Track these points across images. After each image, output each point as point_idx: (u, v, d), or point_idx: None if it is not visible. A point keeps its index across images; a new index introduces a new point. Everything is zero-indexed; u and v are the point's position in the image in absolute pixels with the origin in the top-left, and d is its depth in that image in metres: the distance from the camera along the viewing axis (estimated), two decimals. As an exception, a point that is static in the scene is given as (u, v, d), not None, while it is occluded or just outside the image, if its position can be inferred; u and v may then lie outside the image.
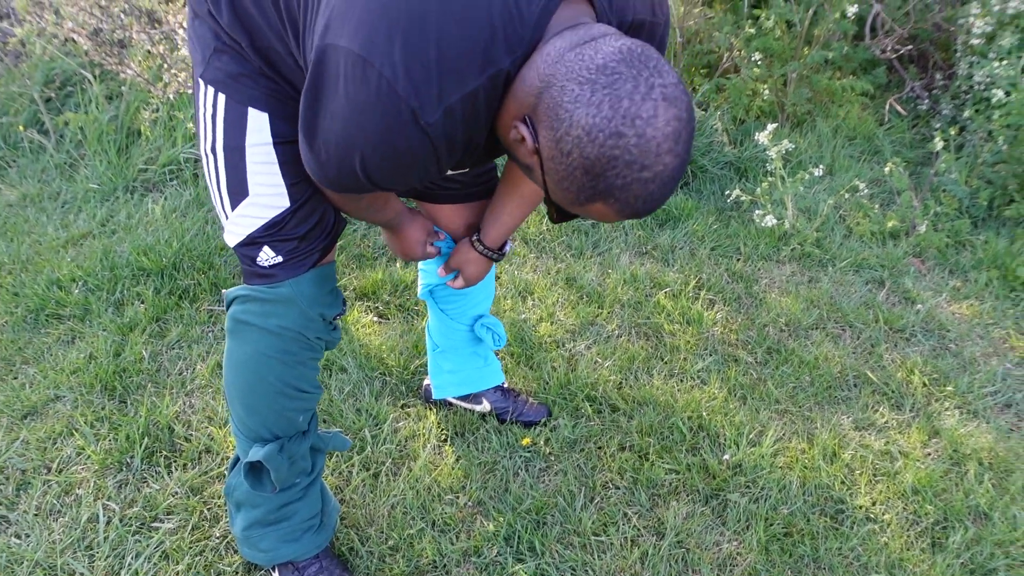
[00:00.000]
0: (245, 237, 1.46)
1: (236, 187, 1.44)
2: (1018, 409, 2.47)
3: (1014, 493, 2.14)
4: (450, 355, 2.15)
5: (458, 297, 2.03)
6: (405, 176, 1.23)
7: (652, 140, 1.04)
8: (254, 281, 1.50)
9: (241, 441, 1.65)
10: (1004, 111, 3.64)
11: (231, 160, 1.42)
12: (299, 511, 1.71)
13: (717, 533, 1.95)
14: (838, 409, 2.38)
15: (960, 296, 3.03)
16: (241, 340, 1.55)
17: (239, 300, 1.53)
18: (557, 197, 1.15)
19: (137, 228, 3.11)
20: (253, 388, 1.57)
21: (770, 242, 3.20)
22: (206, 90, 1.40)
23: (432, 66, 1.08)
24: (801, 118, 4.27)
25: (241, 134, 1.39)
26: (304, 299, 1.51)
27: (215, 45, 1.38)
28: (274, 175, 1.42)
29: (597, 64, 1.04)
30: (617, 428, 2.23)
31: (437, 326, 2.11)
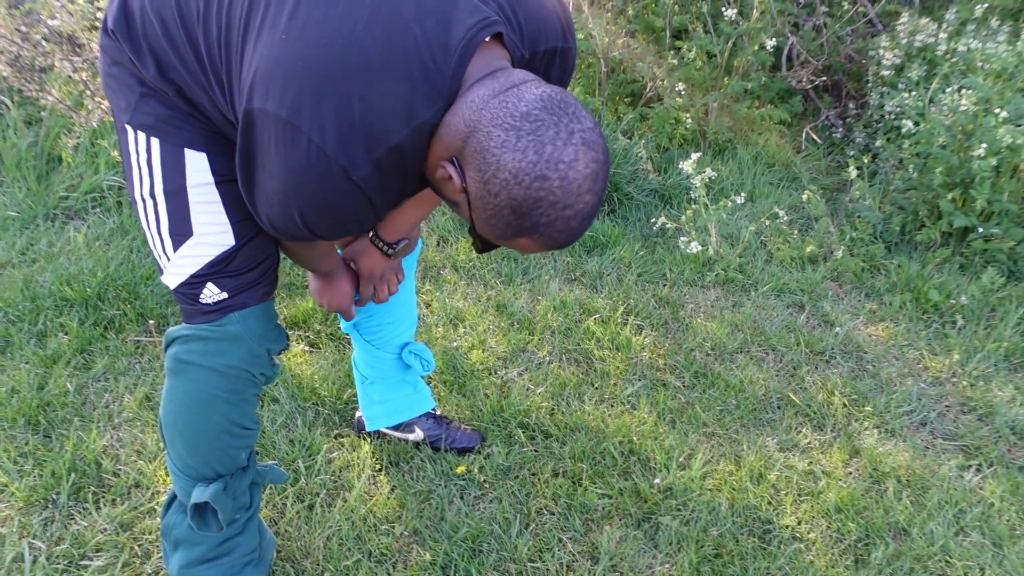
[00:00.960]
0: (188, 276, 1.45)
1: (179, 228, 1.43)
2: (932, 427, 2.58)
3: (931, 509, 2.23)
4: (379, 385, 2.15)
5: (382, 327, 2.04)
6: (345, 227, 1.28)
7: (574, 182, 1.12)
8: (197, 320, 1.49)
9: (180, 480, 1.62)
10: (913, 140, 3.81)
11: (172, 203, 1.41)
12: (239, 546, 1.70)
13: (650, 556, 1.99)
14: (763, 431, 2.46)
15: (876, 319, 3.16)
16: (184, 380, 1.53)
17: (180, 340, 1.51)
18: (484, 231, 1.22)
19: (59, 257, 3.04)
20: (197, 428, 1.55)
21: (695, 268, 3.29)
22: (136, 136, 1.39)
23: (357, 125, 1.13)
24: (722, 146, 4.40)
25: (180, 176, 1.39)
26: (252, 335, 1.50)
27: (140, 91, 1.37)
28: (218, 214, 1.42)
29: (521, 111, 1.12)
30: (550, 454, 2.26)
31: (364, 357, 2.11)
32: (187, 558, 1.68)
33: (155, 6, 1.31)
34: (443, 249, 3.25)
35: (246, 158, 1.24)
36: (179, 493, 1.66)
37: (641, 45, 4.49)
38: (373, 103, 1.13)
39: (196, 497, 1.58)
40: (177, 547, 1.69)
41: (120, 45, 1.36)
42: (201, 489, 1.59)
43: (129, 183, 1.45)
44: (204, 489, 1.59)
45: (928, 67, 4.26)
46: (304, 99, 1.12)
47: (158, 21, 1.31)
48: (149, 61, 1.34)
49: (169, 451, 1.62)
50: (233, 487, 1.63)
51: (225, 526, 1.62)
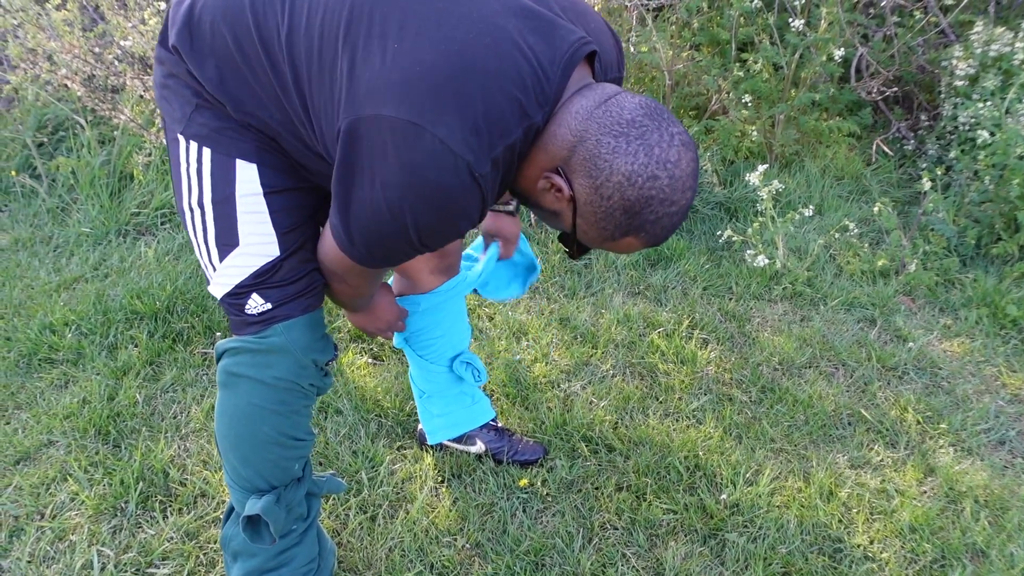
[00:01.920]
0: (234, 287, 1.47)
1: (225, 238, 1.45)
2: (1012, 446, 2.48)
3: (1010, 531, 2.14)
4: (436, 399, 2.14)
5: (434, 340, 2.04)
6: (455, 231, 1.32)
7: (679, 179, 1.23)
8: (244, 331, 1.50)
9: (236, 492, 1.64)
10: (989, 151, 3.70)
11: (220, 212, 1.44)
12: (297, 556, 1.70)
13: (716, 573, 1.94)
14: (833, 447, 2.39)
15: (951, 334, 3.05)
16: (234, 392, 1.54)
17: (229, 353, 1.53)
18: (590, 235, 1.30)
19: (130, 272, 3.12)
20: (247, 440, 1.57)
21: (762, 281, 3.23)
22: (188, 146, 1.42)
23: (481, 122, 1.20)
24: (789, 159, 4.32)
25: (230, 185, 1.41)
26: (297, 346, 1.51)
27: (196, 102, 1.40)
28: (264, 224, 1.44)
29: (626, 119, 1.22)
30: (614, 468, 2.23)
31: (418, 372, 2.11)
32: (246, 569, 1.69)
33: (228, 21, 1.34)
34: (505, 263, 3.24)
35: (346, 174, 1.26)
36: (236, 504, 1.67)
37: (706, 58, 4.44)
38: (493, 102, 1.20)
39: (248, 509, 1.59)
40: (236, 558, 1.70)
41: (179, 59, 1.39)
42: (254, 501, 1.60)
43: (177, 193, 1.48)
44: (256, 501, 1.59)
45: (1004, 77, 4.13)
46: (425, 100, 1.17)
47: (230, 35, 1.34)
48: (212, 71, 1.36)
49: (224, 463, 1.63)
50: (287, 498, 1.63)
51: (278, 538, 1.62)
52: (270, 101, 1.36)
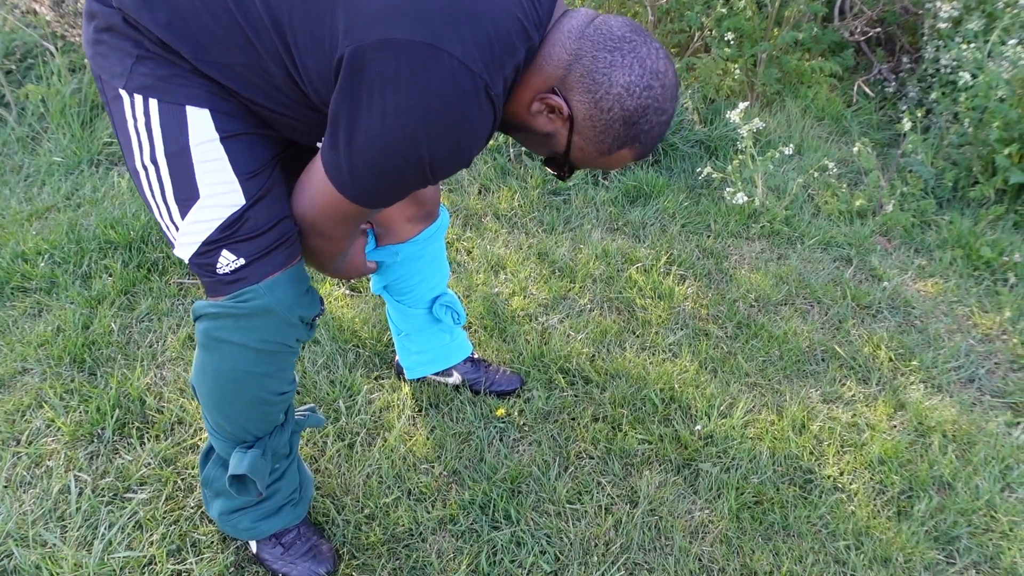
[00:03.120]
0: (200, 244, 1.37)
1: (185, 192, 1.35)
2: (980, 384, 2.53)
3: (976, 464, 2.19)
4: (415, 337, 2.14)
5: (412, 287, 2.02)
6: (467, 157, 1.31)
7: (669, 88, 1.30)
8: (220, 292, 1.41)
9: (218, 440, 1.60)
10: (970, 94, 3.70)
11: (176, 164, 1.34)
12: (280, 490, 1.70)
13: (689, 502, 1.98)
14: (807, 382, 2.42)
15: (925, 274, 3.09)
16: (217, 355, 1.46)
17: (209, 317, 1.44)
18: (586, 152, 1.34)
19: (103, 201, 3.07)
20: (234, 401, 1.51)
21: (740, 219, 3.23)
22: (132, 100, 1.32)
23: (494, 41, 1.21)
24: (771, 98, 4.31)
25: (183, 134, 1.32)
26: (283, 305, 1.42)
27: (137, 54, 1.30)
28: (224, 171, 1.35)
29: (616, 35, 1.27)
30: (590, 400, 2.25)
31: (397, 314, 2.11)
32: (228, 507, 1.69)
33: None
34: (484, 197, 3.23)
35: (350, 106, 1.21)
36: (218, 450, 1.63)
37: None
38: (500, 21, 1.22)
39: (234, 469, 1.55)
40: (218, 495, 1.70)
41: (114, 10, 1.29)
42: (239, 458, 1.56)
43: (127, 154, 1.37)
44: (242, 458, 1.55)
45: (987, 20, 4.12)
46: (436, 22, 1.17)
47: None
48: (163, 17, 1.27)
49: (206, 415, 1.59)
50: (272, 446, 1.60)
51: (264, 491, 1.61)
52: (234, 43, 1.28)
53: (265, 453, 1.58)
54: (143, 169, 1.36)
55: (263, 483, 1.58)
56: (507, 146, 3.51)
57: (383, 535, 1.81)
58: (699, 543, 1.87)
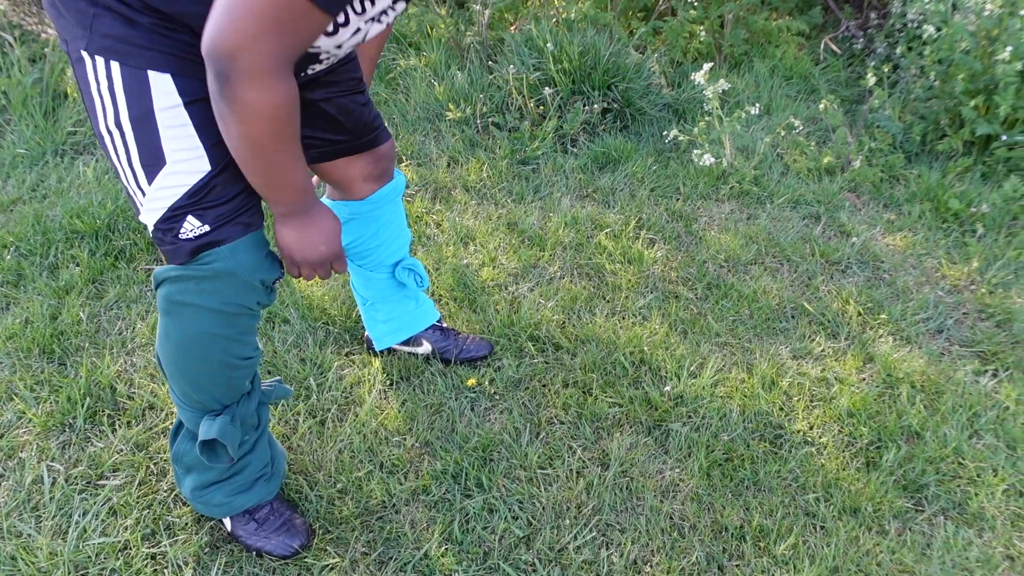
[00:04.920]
0: (167, 210, 1.37)
1: (151, 158, 1.35)
2: (949, 334, 2.55)
3: (944, 413, 2.21)
4: (380, 305, 2.14)
5: (372, 251, 2.02)
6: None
7: None
8: (182, 258, 1.41)
9: (185, 411, 1.61)
10: (935, 46, 3.70)
11: (140, 130, 1.33)
12: (251, 463, 1.71)
13: (660, 461, 2.00)
14: (776, 340, 2.44)
15: (894, 228, 3.10)
16: (179, 320, 1.48)
17: (170, 281, 1.45)
18: None
19: (69, 191, 3.05)
20: (198, 366, 1.52)
21: (709, 181, 3.24)
22: (94, 63, 1.30)
23: None
24: (738, 59, 4.30)
25: (147, 100, 1.31)
26: (244, 268, 1.44)
27: (93, 11, 1.28)
28: (190, 137, 1.34)
29: None
30: (561, 366, 2.26)
31: (359, 280, 2.10)
32: (200, 481, 1.70)
33: None
34: (453, 170, 3.22)
35: None
36: (186, 422, 1.64)
37: (652, -43, 4.36)
38: None
39: (204, 434, 1.56)
40: (190, 471, 1.70)
41: None
42: (208, 424, 1.57)
43: (92, 116, 1.37)
44: (211, 424, 1.57)
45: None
46: None
47: None
48: None
49: (171, 385, 1.60)
50: (240, 414, 1.62)
51: (235, 457, 1.62)
52: None
53: (234, 420, 1.60)
54: (108, 133, 1.35)
55: (234, 448, 1.59)
56: (474, 119, 3.49)
57: (356, 508, 1.83)
58: (670, 502, 1.89)
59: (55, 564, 1.68)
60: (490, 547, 1.76)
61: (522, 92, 3.53)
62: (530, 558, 1.74)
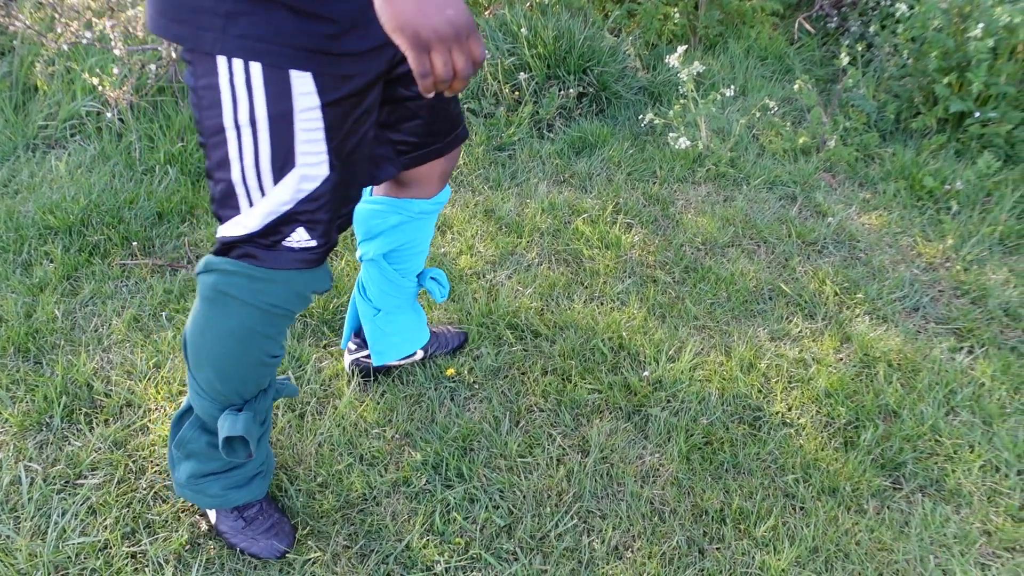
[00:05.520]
0: (282, 215, 1.35)
1: (282, 158, 1.32)
2: (925, 312, 2.57)
3: (921, 390, 2.23)
4: (394, 316, 2.04)
5: (415, 254, 1.94)
6: None
7: None
8: (269, 263, 1.40)
9: (204, 401, 1.58)
10: (908, 24, 3.71)
11: (277, 129, 1.30)
12: (254, 459, 1.71)
13: (640, 447, 2.01)
14: (754, 322, 2.45)
15: (870, 207, 3.12)
16: (222, 311, 1.47)
17: (223, 273, 1.43)
18: None
19: (41, 186, 3.01)
20: (234, 360, 1.51)
21: (685, 164, 3.24)
22: (229, 63, 1.26)
23: None
24: (713, 40, 4.30)
25: (287, 100, 1.29)
26: (303, 282, 1.44)
27: (225, 11, 1.23)
28: (319, 142, 1.33)
29: None
30: (540, 353, 2.26)
31: (384, 288, 1.97)
32: (199, 470, 1.68)
33: None
34: (428, 159, 3.21)
35: None
36: (200, 411, 1.61)
37: (625, -61, 4.34)
38: None
39: (229, 430, 1.55)
40: (189, 458, 1.68)
41: None
42: (233, 419, 1.56)
43: (213, 110, 1.31)
44: (236, 420, 1.55)
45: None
46: None
47: None
48: None
49: (194, 373, 1.57)
50: (258, 409, 1.61)
51: (255, 453, 1.60)
52: None
53: (256, 416, 1.59)
54: (235, 128, 1.31)
55: (254, 444, 1.58)
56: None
57: (337, 502, 1.83)
58: (650, 487, 1.90)
59: (35, 565, 1.68)
60: (471, 537, 1.77)
61: (497, 77, 3.51)
62: (512, 547, 1.75)
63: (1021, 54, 3.47)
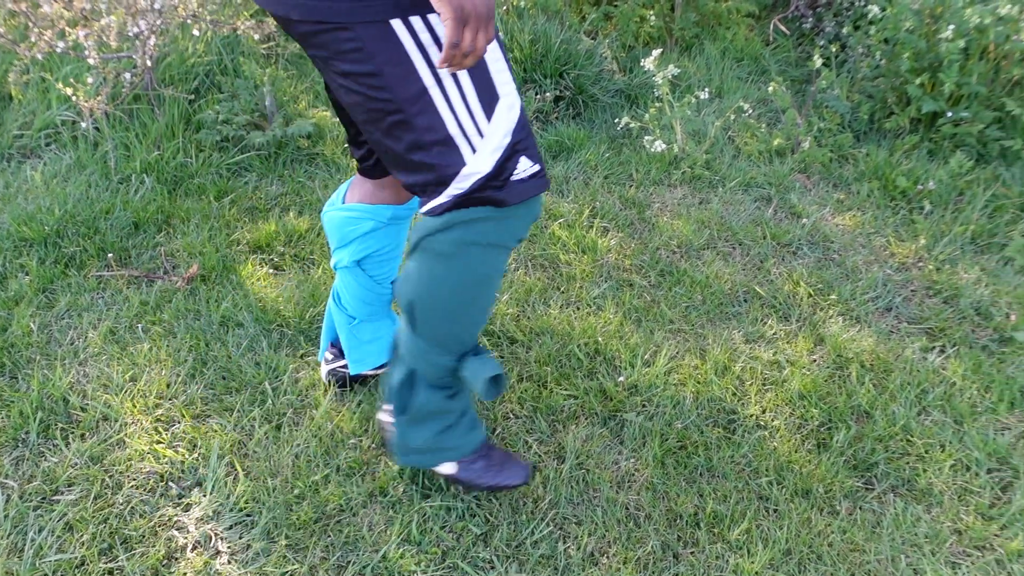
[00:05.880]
0: (506, 148, 1.39)
1: (487, 94, 1.38)
2: (897, 312, 2.60)
3: (893, 391, 2.26)
4: (369, 324, 2.05)
5: (393, 259, 1.95)
6: None
7: None
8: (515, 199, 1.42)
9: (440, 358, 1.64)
10: (880, 26, 3.74)
11: (473, 68, 1.35)
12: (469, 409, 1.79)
13: (615, 452, 2.02)
14: (729, 325, 2.47)
15: (844, 208, 3.15)
16: (465, 262, 1.49)
17: (467, 223, 1.44)
18: None
19: (16, 197, 3.00)
20: (477, 305, 1.58)
21: (661, 167, 3.26)
22: (408, 23, 1.30)
23: None
24: (689, 42, 4.32)
25: None
26: (537, 208, 1.50)
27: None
28: (506, 70, 1.38)
29: None
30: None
31: (360, 295, 1.97)
32: (439, 426, 1.73)
33: None
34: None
35: None
36: (429, 370, 1.66)
37: (600, -58, 4.36)
38: None
39: (491, 370, 1.62)
40: (426, 421, 1.72)
41: None
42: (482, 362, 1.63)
43: (406, 79, 1.34)
44: (484, 361, 1.64)
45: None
46: None
47: None
48: None
49: (424, 333, 1.61)
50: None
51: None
52: None
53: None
54: (436, 83, 1.35)
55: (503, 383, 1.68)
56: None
57: (314, 513, 1.83)
58: (625, 492, 1.92)
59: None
60: (448, 546, 1.78)
61: (473, 82, 3.52)
62: (488, 555, 1.77)
63: (992, 54, 3.51)
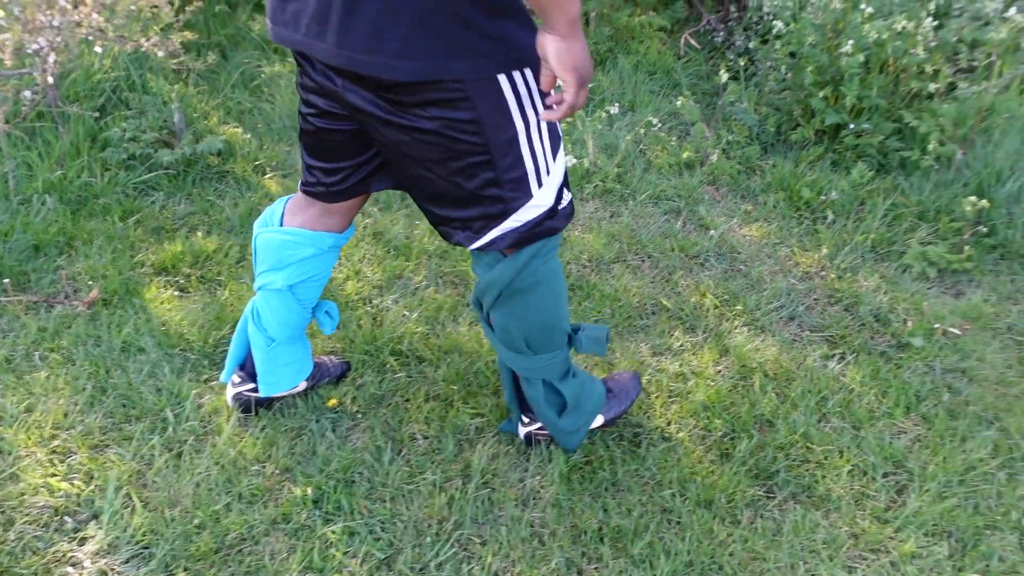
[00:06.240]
0: (560, 183, 1.65)
1: (554, 137, 1.61)
2: (800, 320, 2.67)
3: (794, 399, 2.32)
4: (285, 347, 2.03)
5: (319, 285, 1.98)
6: None
7: None
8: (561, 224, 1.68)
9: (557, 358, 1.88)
10: (785, 40, 3.84)
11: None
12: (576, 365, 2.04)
13: (521, 470, 2.03)
14: (637, 337, 2.51)
15: (750, 219, 3.22)
16: (547, 284, 1.74)
17: (537, 255, 1.68)
18: None
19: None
20: (562, 298, 1.82)
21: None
22: (511, 79, 1.47)
23: None
24: (603, 56, 4.37)
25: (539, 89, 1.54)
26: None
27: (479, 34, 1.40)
28: None
29: None
30: (424, 379, 2.27)
31: (284, 319, 1.95)
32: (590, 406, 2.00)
33: None
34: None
35: None
36: (553, 374, 1.90)
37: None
38: None
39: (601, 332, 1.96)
40: (576, 408, 1.95)
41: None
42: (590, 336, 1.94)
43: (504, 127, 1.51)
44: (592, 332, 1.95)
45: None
46: None
47: None
48: None
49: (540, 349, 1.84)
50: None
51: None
52: None
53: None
54: (525, 130, 1.54)
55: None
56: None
57: (215, 543, 1.80)
58: (530, 510, 1.93)
59: None
60: (351, 572, 1.77)
61: (386, 98, 3.51)
62: (391, 579, 1.76)
63: (891, 68, 3.63)
